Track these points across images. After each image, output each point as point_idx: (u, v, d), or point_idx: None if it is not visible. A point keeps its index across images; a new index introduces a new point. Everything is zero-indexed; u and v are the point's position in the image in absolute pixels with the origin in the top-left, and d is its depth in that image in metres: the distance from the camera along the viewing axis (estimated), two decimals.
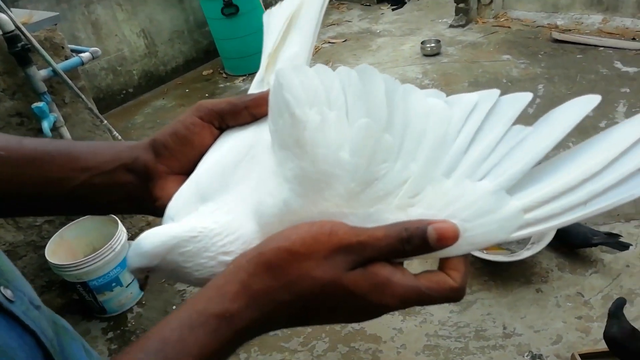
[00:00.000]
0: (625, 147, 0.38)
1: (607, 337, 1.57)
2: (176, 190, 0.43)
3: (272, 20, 0.55)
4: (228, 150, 0.43)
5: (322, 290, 0.35)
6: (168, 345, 0.32)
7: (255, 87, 0.53)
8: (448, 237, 0.35)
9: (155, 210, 0.45)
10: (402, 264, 0.38)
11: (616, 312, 1.57)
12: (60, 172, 0.44)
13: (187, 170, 0.44)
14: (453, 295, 0.37)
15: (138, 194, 0.45)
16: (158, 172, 0.44)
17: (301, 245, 0.34)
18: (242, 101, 0.45)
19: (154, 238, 0.37)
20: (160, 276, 0.40)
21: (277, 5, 0.56)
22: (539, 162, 0.40)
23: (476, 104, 0.41)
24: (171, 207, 0.41)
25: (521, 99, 0.42)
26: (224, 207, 0.39)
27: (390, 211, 0.36)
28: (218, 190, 0.41)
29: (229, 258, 0.37)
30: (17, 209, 0.48)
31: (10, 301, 0.38)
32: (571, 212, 0.38)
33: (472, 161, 0.38)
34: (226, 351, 0.35)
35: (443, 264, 0.38)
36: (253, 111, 0.45)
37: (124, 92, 4.18)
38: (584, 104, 0.41)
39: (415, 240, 0.35)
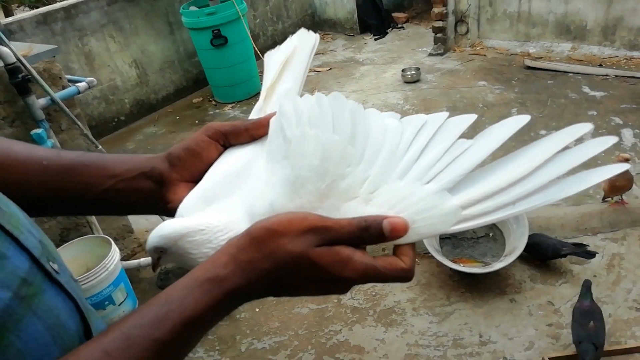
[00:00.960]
0: (546, 158, 0.48)
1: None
2: (186, 195, 0.53)
3: (271, 61, 0.67)
4: (230, 164, 0.54)
5: (294, 261, 0.43)
6: (172, 300, 0.42)
7: (254, 114, 0.63)
8: (399, 230, 0.45)
9: (167, 211, 0.55)
10: (364, 249, 0.47)
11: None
12: (91, 179, 0.53)
13: (195, 179, 0.55)
14: (404, 275, 0.46)
15: (154, 197, 0.55)
16: (171, 179, 0.55)
17: (279, 225, 0.43)
18: (244, 125, 0.56)
19: (170, 225, 0.48)
20: (171, 259, 0.50)
21: (275, 49, 0.68)
22: (480, 167, 0.49)
23: (425, 122, 0.52)
24: (182, 208, 0.52)
25: (467, 120, 0.52)
26: (225, 209, 0.50)
27: (353, 205, 0.46)
28: (221, 195, 0.51)
29: (221, 240, 0.48)
30: (53, 209, 0.58)
31: (57, 272, 0.47)
32: (501, 211, 0.47)
33: (421, 168, 0.48)
34: (218, 310, 0.43)
35: (396, 250, 0.47)
36: (252, 133, 0.55)
37: (116, 119, 4.30)
38: (515, 123, 0.51)
39: (373, 230, 0.44)
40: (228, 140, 0.56)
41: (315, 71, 4.87)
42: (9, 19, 3.69)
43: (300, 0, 5.70)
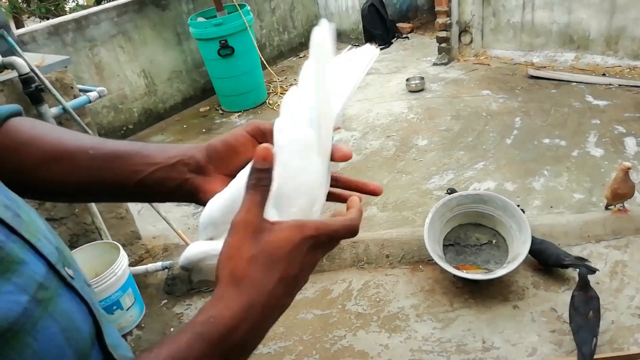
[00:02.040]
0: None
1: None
2: (219, 186, 0.54)
3: (304, 72, 0.62)
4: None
5: (268, 255, 0.45)
6: (162, 346, 0.43)
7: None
8: (265, 155, 0.47)
9: (200, 201, 0.57)
10: None
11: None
12: (134, 166, 0.56)
13: (232, 173, 0.56)
14: (350, 224, 0.49)
15: (189, 186, 0.57)
16: (207, 170, 0.57)
17: (230, 250, 0.45)
18: None
19: (192, 249, 0.51)
20: (198, 276, 0.53)
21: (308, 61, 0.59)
22: None
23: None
24: (206, 212, 0.53)
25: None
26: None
27: None
28: (226, 223, 0.50)
29: None
30: (95, 196, 0.61)
31: (72, 277, 0.49)
32: None
33: None
34: (222, 348, 0.43)
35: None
36: None
37: (125, 128, 4.37)
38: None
39: (255, 175, 0.47)
40: (266, 138, 0.56)
41: None
42: (22, 30, 3.78)
43: (305, 11, 5.78)
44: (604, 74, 3.95)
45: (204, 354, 0.42)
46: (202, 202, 0.56)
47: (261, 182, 0.46)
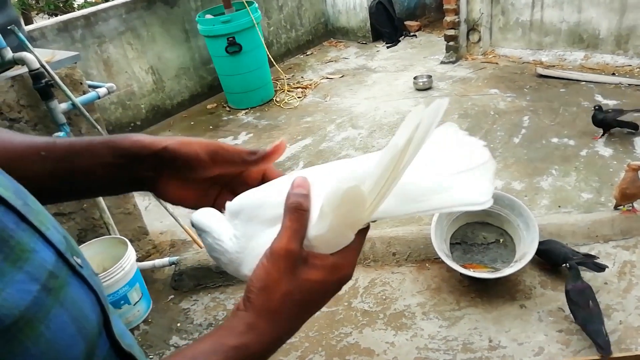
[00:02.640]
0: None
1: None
2: (174, 186, 0.57)
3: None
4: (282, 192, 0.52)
5: (300, 293, 0.48)
6: None
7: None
8: (302, 183, 0.49)
9: (155, 193, 0.59)
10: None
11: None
12: (84, 164, 0.56)
13: (185, 181, 0.58)
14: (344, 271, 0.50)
15: (141, 183, 0.58)
16: (162, 173, 0.57)
17: (266, 279, 0.47)
18: (252, 158, 0.56)
19: (201, 215, 0.53)
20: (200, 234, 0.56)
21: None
22: None
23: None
24: (235, 205, 0.54)
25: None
26: (241, 231, 0.52)
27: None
28: (249, 220, 0.53)
29: (218, 255, 0.53)
30: (57, 196, 0.62)
31: (80, 266, 0.49)
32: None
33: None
34: None
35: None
36: (259, 164, 0.57)
37: (132, 124, 4.39)
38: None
39: (296, 200, 0.48)
40: (229, 167, 0.57)
41: (327, 78, 4.93)
42: (31, 26, 3.80)
43: (313, 9, 5.77)
44: (613, 74, 3.92)
45: None
46: (157, 196, 0.58)
47: (301, 207, 0.48)
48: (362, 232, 0.51)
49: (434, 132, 0.46)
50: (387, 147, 0.45)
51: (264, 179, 0.60)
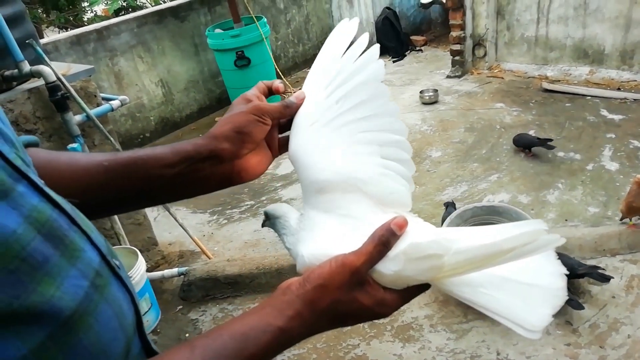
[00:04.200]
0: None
1: None
2: (254, 160, 0.65)
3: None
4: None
5: (348, 307, 0.53)
6: (248, 338, 0.49)
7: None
8: (402, 225, 0.54)
9: (239, 179, 0.65)
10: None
11: None
12: (152, 170, 0.59)
13: (249, 146, 0.63)
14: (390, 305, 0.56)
15: (219, 173, 0.63)
16: (228, 155, 0.62)
17: (328, 279, 0.52)
18: (283, 104, 0.67)
19: (271, 207, 0.65)
20: (269, 226, 0.65)
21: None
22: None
23: None
24: (291, 154, 0.65)
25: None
26: (310, 224, 0.60)
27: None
28: (330, 208, 0.60)
29: (286, 237, 0.62)
30: (117, 208, 0.66)
31: (119, 268, 0.53)
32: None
33: None
34: (280, 351, 0.52)
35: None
36: (291, 111, 0.68)
37: (142, 136, 4.45)
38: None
39: (388, 237, 0.53)
40: (273, 118, 0.66)
41: None
42: (45, 40, 3.88)
43: (320, 24, 5.86)
44: (619, 88, 3.95)
45: (272, 354, 0.51)
46: (242, 180, 0.65)
47: (387, 244, 0.53)
48: (420, 287, 0.56)
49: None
50: (494, 240, 0.49)
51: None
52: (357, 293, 0.53)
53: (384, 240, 0.53)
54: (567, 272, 0.54)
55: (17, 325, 0.37)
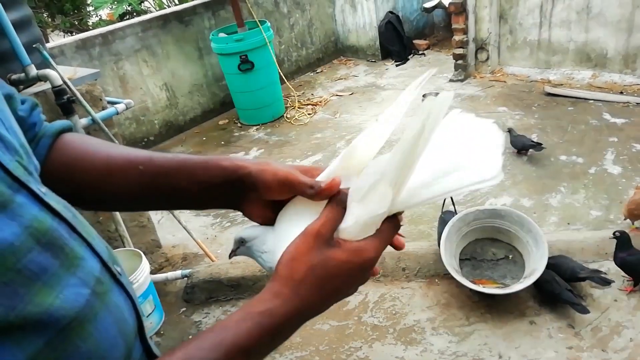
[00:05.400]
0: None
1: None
2: (258, 210, 0.59)
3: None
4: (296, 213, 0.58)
5: (324, 267, 0.50)
6: (227, 329, 0.48)
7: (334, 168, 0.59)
8: (336, 182, 0.53)
9: (241, 210, 0.61)
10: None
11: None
12: (181, 183, 0.59)
13: (269, 203, 0.59)
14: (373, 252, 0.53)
15: (233, 202, 0.60)
16: (249, 196, 0.59)
17: (294, 252, 0.51)
18: (310, 193, 0.56)
19: (246, 231, 0.60)
20: (243, 252, 0.60)
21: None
22: None
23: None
24: (278, 216, 0.59)
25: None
26: (281, 233, 0.57)
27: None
28: (287, 221, 0.58)
29: (265, 257, 0.58)
30: (145, 206, 0.67)
31: (120, 274, 0.54)
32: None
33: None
34: (269, 339, 0.49)
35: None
36: (316, 199, 0.56)
37: (146, 139, 4.48)
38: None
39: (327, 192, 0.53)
40: (286, 190, 0.59)
41: (337, 95, 5.01)
42: (51, 44, 3.92)
43: (324, 28, 5.89)
44: (621, 92, 3.95)
45: (261, 342, 0.48)
46: (244, 214, 0.61)
47: (342, 204, 0.53)
48: (391, 220, 0.54)
49: (443, 119, 0.51)
50: (400, 140, 0.50)
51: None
52: (328, 252, 0.51)
53: (341, 200, 0.53)
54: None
55: (15, 334, 0.38)
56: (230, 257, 0.63)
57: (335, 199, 0.53)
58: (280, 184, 0.57)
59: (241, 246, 0.60)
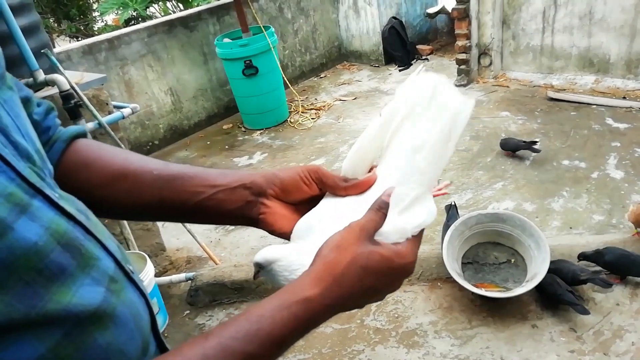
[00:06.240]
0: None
1: None
2: (279, 209, 0.60)
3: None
4: (340, 206, 0.60)
5: (366, 261, 0.51)
6: (263, 319, 0.47)
7: (354, 162, 0.63)
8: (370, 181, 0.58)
9: (259, 222, 0.61)
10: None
11: None
12: (195, 187, 0.60)
13: (289, 202, 0.61)
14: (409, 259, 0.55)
15: (250, 208, 0.61)
16: (268, 194, 0.61)
17: (340, 241, 0.52)
18: (344, 185, 0.61)
19: (270, 250, 0.58)
20: (265, 275, 0.58)
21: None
22: None
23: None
24: (295, 230, 0.60)
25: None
26: (305, 247, 0.57)
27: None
28: (309, 234, 0.59)
29: (294, 277, 0.56)
30: (157, 215, 0.65)
31: (132, 273, 0.55)
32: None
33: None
34: (302, 329, 0.49)
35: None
36: (349, 192, 0.61)
37: (151, 143, 4.51)
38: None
39: (385, 202, 0.55)
40: (324, 189, 0.62)
41: (340, 100, 5.03)
42: (58, 49, 3.96)
43: (327, 33, 5.93)
44: (624, 97, 3.96)
45: (295, 332, 0.48)
46: (262, 224, 0.61)
47: (384, 210, 0.54)
48: (418, 235, 0.57)
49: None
50: (430, 146, 0.58)
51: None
52: (372, 247, 0.52)
53: (383, 207, 0.54)
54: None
55: (35, 328, 0.40)
56: (254, 279, 0.64)
57: (378, 203, 0.54)
58: (313, 173, 0.60)
59: (261, 270, 0.58)
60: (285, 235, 0.62)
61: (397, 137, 0.60)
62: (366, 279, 0.51)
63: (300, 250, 0.57)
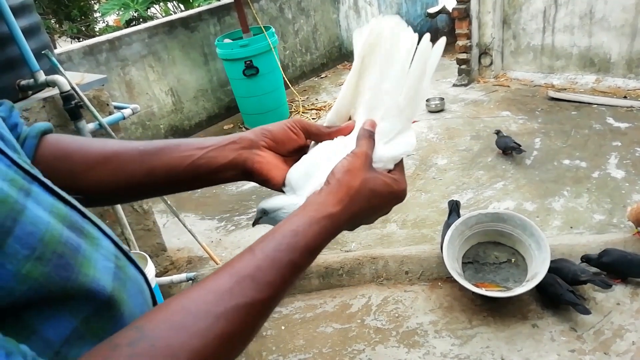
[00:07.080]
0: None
1: None
2: (272, 159, 0.64)
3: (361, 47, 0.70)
4: (328, 149, 0.65)
5: (375, 184, 0.58)
6: (298, 232, 0.52)
7: (336, 110, 0.70)
8: (373, 124, 0.63)
9: (253, 173, 0.63)
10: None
11: None
12: (183, 152, 0.61)
13: (281, 154, 0.66)
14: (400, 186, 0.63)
15: (242, 160, 0.63)
16: (259, 145, 0.64)
17: (351, 164, 0.58)
18: (326, 130, 0.67)
19: (272, 200, 0.63)
20: (267, 221, 0.64)
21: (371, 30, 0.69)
22: None
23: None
24: (288, 177, 0.64)
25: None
26: (304, 192, 0.62)
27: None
28: (307, 180, 0.63)
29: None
30: (148, 190, 0.66)
31: (129, 251, 0.57)
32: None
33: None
34: (328, 240, 0.55)
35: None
36: (333, 137, 0.67)
37: None
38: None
39: (371, 132, 0.62)
40: (310, 138, 0.68)
41: None
42: (59, 50, 3.98)
43: (328, 33, 5.93)
44: (625, 97, 3.96)
45: (323, 243, 0.54)
46: (256, 174, 0.64)
47: (373, 137, 0.62)
48: (402, 165, 0.64)
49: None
50: (408, 87, 0.64)
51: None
52: (375, 172, 0.59)
53: (370, 134, 0.61)
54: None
55: (70, 302, 0.42)
56: (253, 225, 0.67)
57: (366, 133, 0.61)
58: (300, 125, 0.66)
59: (264, 216, 0.64)
60: (277, 187, 0.65)
61: (369, 82, 0.67)
62: (372, 199, 0.58)
63: (303, 200, 0.62)
